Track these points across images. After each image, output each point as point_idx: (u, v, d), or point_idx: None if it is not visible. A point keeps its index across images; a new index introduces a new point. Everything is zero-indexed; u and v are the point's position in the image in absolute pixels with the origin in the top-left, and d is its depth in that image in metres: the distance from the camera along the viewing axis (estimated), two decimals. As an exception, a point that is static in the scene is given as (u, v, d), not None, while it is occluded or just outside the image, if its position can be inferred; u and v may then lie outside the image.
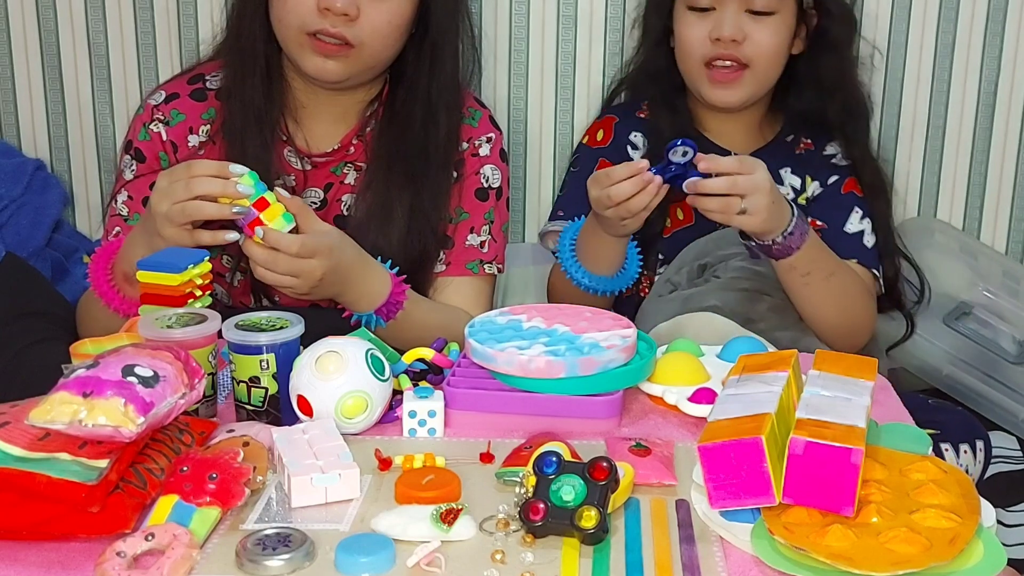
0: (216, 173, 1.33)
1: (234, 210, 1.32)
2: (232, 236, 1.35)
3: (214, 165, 1.35)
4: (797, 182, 1.77)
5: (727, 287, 1.56)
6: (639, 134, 1.81)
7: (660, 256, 1.77)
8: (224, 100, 1.61)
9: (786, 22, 1.69)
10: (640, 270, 1.65)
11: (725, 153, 1.76)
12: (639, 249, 1.65)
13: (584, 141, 1.86)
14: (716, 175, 1.44)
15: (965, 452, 1.61)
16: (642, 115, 1.83)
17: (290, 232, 1.36)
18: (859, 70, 1.87)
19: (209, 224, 1.35)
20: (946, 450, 1.59)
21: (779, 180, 1.76)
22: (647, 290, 1.75)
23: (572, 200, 1.76)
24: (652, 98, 1.81)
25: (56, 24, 2.02)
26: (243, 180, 1.33)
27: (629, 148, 1.81)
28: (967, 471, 1.61)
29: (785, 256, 1.51)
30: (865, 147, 1.81)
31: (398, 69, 1.63)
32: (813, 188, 1.77)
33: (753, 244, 1.51)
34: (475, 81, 1.79)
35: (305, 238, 1.37)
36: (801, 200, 1.76)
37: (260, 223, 1.34)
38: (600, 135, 1.84)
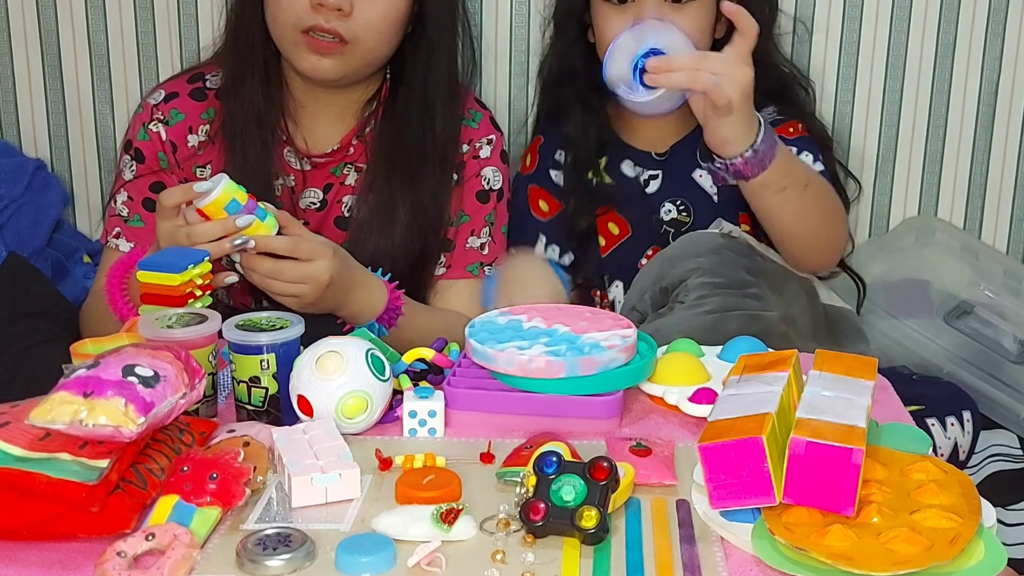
0: (184, 197, 1.33)
1: (236, 242, 1.33)
2: (232, 278, 1.36)
3: (180, 193, 1.35)
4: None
5: (692, 312, 1.50)
6: (562, 152, 1.77)
7: (605, 276, 1.76)
8: (223, 100, 1.61)
9: (707, 6, 1.64)
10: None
11: (643, 155, 1.76)
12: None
13: (520, 169, 1.83)
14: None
15: (952, 425, 1.61)
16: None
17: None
18: (786, 44, 1.88)
19: None
20: (932, 425, 1.59)
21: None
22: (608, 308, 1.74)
23: (518, 230, 1.75)
24: (566, 99, 1.77)
25: (56, 24, 2.02)
26: (226, 195, 1.32)
27: (552, 171, 1.78)
28: (956, 444, 1.61)
29: (757, 173, 1.45)
30: (808, 114, 1.79)
31: (398, 68, 1.63)
32: None
33: (720, 165, 1.45)
34: (475, 81, 1.78)
35: (299, 239, 1.37)
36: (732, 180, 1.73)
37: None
38: (528, 160, 1.82)
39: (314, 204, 1.65)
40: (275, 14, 1.54)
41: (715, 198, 1.73)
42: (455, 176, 1.66)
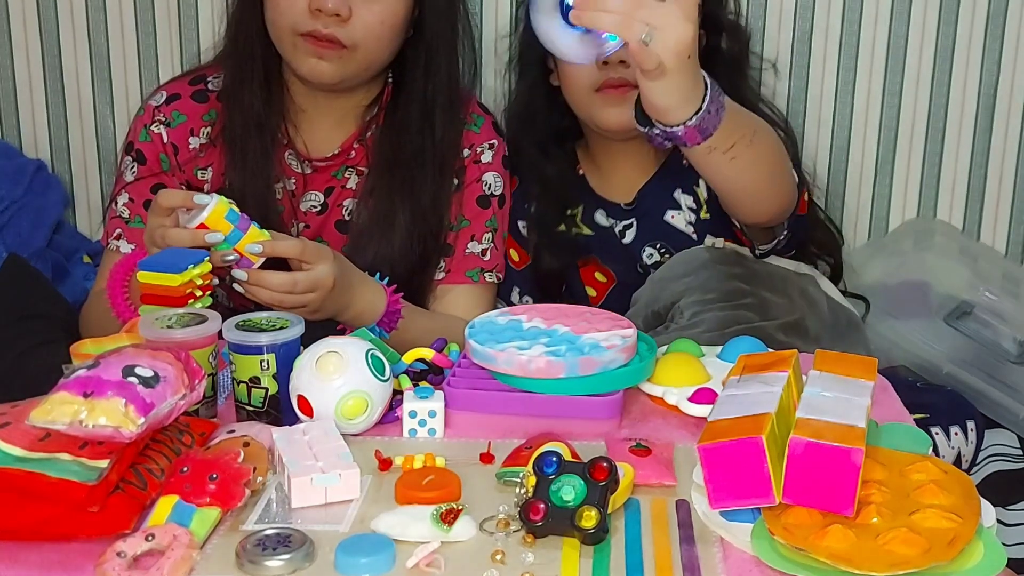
0: (182, 203, 1.32)
1: (227, 258, 1.32)
2: (241, 275, 1.33)
3: (179, 197, 1.34)
4: (690, 200, 1.69)
5: (687, 333, 1.46)
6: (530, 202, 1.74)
7: None
8: (224, 104, 1.61)
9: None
10: None
11: (613, 205, 1.72)
12: None
13: None
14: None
15: (956, 435, 1.60)
16: None
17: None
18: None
19: None
20: (936, 434, 1.58)
21: (675, 205, 1.69)
22: None
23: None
24: (526, 146, 1.73)
25: (56, 24, 2.02)
26: (220, 210, 1.32)
27: (520, 222, 1.75)
28: (959, 453, 1.61)
29: (700, 141, 1.25)
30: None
31: (399, 73, 1.63)
32: (704, 185, 1.67)
33: (658, 132, 1.26)
34: (476, 85, 1.78)
35: (303, 241, 1.36)
36: (703, 215, 1.69)
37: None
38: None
39: (315, 207, 1.65)
40: (273, 18, 1.54)
41: (693, 236, 1.70)
42: (455, 181, 1.65)
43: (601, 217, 1.75)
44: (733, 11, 1.78)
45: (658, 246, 1.71)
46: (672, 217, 1.70)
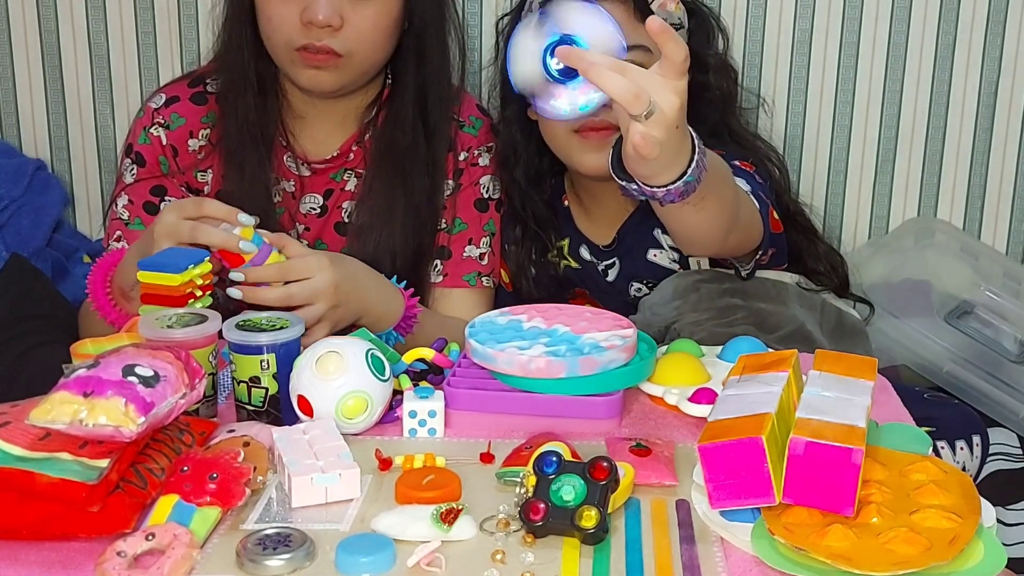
0: (224, 217, 1.31)
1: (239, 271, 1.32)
2: (235, 293, 1.32)
3: (224, 209, 1.32)
4: (670, 239, 1.63)
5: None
6: (517, 228, 1.71)
7: None
8: (221, 110, 1.61)
9: None
10: None
11: (593, 244, 1.70)
12: None
13: None
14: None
15: (962, 449, 1.60)
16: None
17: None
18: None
19: None
20: (942, 448, 1.58)
21: (657, 243, 1.66)
22: None
23: None
24: (507, 180, 1.68)
25: (56, 24, 2.02)
26: (245, 235, 1.30)
27: (506, 245, 1.72)
28: (964, 468, 1.61)
29: (678, 201, 1.17)
30: (782, 195, 1.67)
31: (398, 72, 1.62)
32: None
33: (635, 189, 1.18)
34: (467, 80, 1.76)
35: (288, 264, 1.34)
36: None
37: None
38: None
39: (314, 210, 1.64)
40: (268, 33, 1.53)
41: (678, 269, 1.66)
42: (451, 182, 1.64)
43: (585, 252, 1.73)
44: (722, 51, 1.77)
45: (645, 281, 1.68)
46: (655, 256, 1.67)
